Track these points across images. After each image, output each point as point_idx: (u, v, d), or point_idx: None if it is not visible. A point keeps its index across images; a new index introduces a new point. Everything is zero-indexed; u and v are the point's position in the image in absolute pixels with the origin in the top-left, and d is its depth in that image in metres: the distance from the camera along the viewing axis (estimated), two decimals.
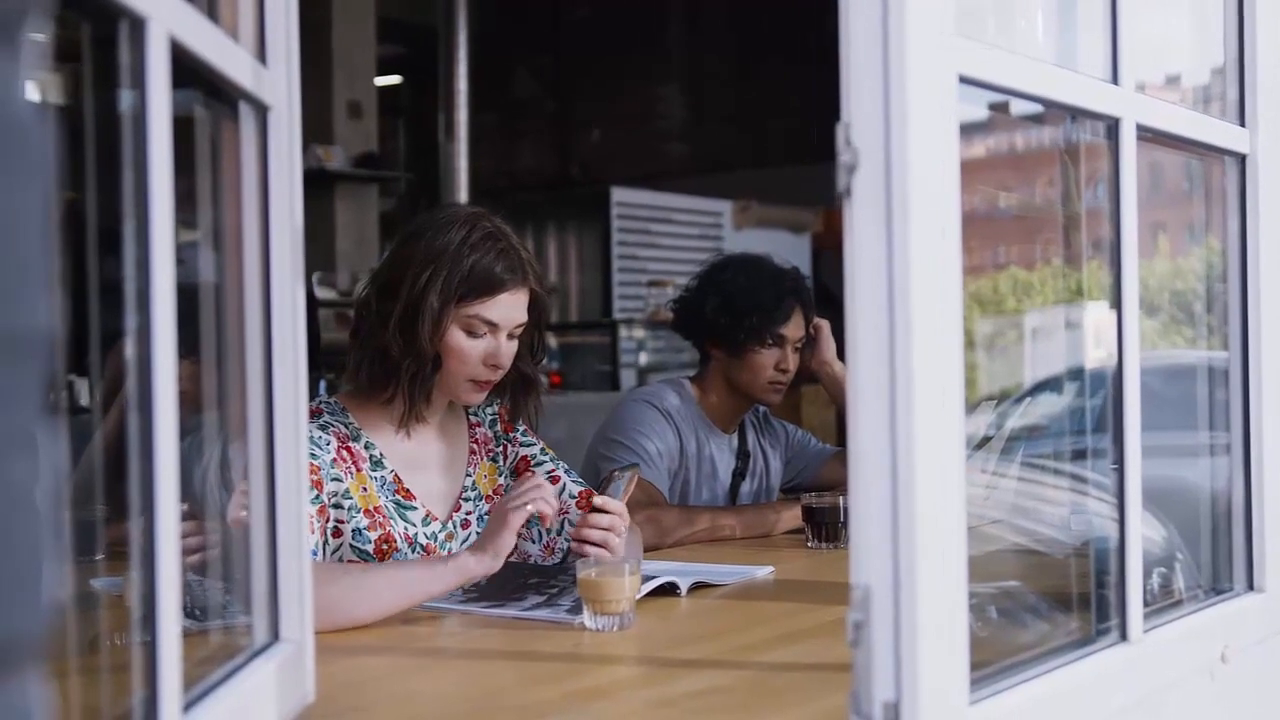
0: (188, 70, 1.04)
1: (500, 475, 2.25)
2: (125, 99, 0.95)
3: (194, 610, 1.29)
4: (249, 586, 1.29)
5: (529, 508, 1.88)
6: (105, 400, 2.18)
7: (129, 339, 0.94)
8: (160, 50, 0.95)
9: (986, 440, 1.81)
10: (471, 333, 2.06)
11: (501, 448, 2.27)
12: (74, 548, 1.18)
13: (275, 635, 1.30)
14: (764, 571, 2.23)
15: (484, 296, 2.05)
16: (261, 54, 1.28)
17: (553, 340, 7.49)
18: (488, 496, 2.22)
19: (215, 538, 1.46)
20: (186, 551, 1.16)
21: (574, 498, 2.23)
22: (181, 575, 0.98)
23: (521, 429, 2.29)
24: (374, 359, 2.07)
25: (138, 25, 0.93)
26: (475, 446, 2.24)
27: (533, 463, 2.26)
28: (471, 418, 2.26)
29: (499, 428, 2.28)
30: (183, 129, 1.01)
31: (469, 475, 2.21)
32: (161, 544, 0.95)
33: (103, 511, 1.82)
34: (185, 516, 1.00)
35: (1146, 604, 1.44)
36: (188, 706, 1.02)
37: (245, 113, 1.26)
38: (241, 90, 1.21)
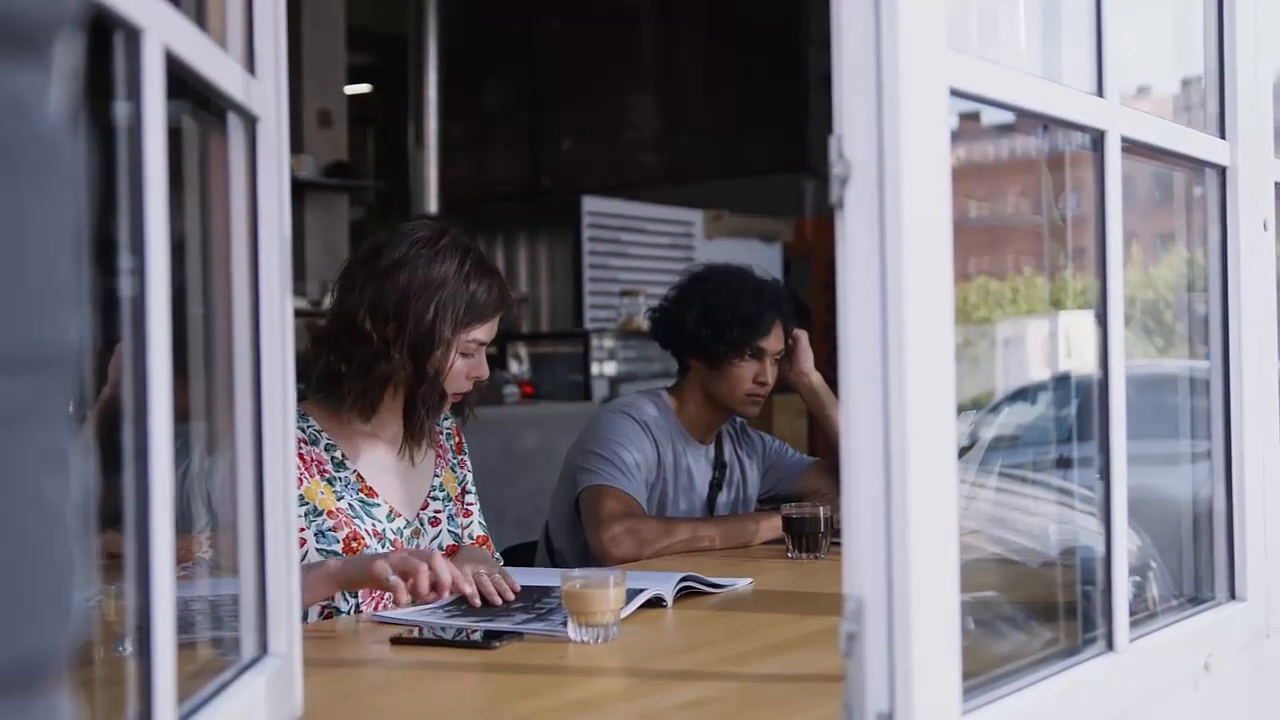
0: (177, 80, 1.03)
1: (458, 484, 2.34)
2: (120, 109, 0.94)
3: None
4: (237, 600, 1.28)
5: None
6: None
7: (124, 350, 0.93)
8: (155, 61, 0.94)
9: (964, 450, 1.82)
10: (466, 354, 2.17)
11: (459, 460, 2.37)
12: None
13: (264, 649, 1.28)
14: (743, 583, 2.23)
15: (483, 321, 2.17)
16: (250, 64, 1.27)
17: (524, 350, 7.47)
18: (455, 498, 2.30)
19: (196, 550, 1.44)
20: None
21: (473, 539, 2.33)
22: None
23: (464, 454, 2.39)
24: (378, 384, 2.12)
25: (133, 36, 0.92)
26: (440, 450, 2.32)
27: (465, 490, 2.36)
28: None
29: (452, 443, 2.37)
30: (170, 139, 1.00)
31: (437, 476, 2.29)
32: (156, 559, 0.94)
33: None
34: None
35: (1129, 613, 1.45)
36: None
37: (234, 123, 1.25)
38: (231, 101, 1.20)
